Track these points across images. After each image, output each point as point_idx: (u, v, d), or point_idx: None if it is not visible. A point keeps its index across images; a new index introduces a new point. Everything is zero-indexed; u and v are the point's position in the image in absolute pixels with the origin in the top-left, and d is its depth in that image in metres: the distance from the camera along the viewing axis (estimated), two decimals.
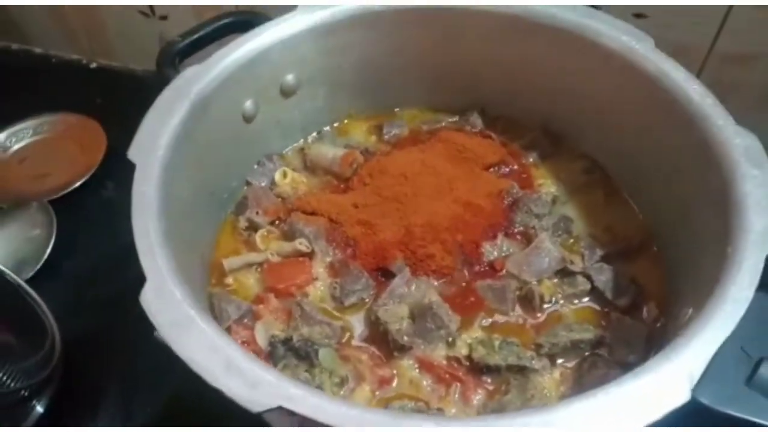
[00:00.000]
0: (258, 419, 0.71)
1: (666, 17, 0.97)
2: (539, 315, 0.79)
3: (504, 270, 0.82)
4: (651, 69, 0.78)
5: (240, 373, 0.54)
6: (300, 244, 0.83)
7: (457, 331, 0.76)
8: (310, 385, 0.70)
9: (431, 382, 0.73)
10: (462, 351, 0.75)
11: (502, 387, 0.72)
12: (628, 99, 0.83)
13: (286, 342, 0.74)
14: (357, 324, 0.78)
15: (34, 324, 0.88)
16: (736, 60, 1.02)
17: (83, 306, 1.02)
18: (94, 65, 1.44)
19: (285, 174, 0.92)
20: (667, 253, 0.82)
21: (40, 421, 0.86)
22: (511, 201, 0.88)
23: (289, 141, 0.98)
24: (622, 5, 0.95)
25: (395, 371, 0.74)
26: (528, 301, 0.79)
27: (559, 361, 0.75)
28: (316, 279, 0.82)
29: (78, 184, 1.16)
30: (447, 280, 0.81)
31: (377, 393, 0.73)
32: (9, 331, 0.85)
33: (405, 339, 0.74)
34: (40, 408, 0.86)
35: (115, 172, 1.18)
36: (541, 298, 0.79)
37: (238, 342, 0.74)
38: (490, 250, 0.84)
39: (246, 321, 0.78)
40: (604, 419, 0.51)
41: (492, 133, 0.97)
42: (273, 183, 0.92)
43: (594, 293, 0.80)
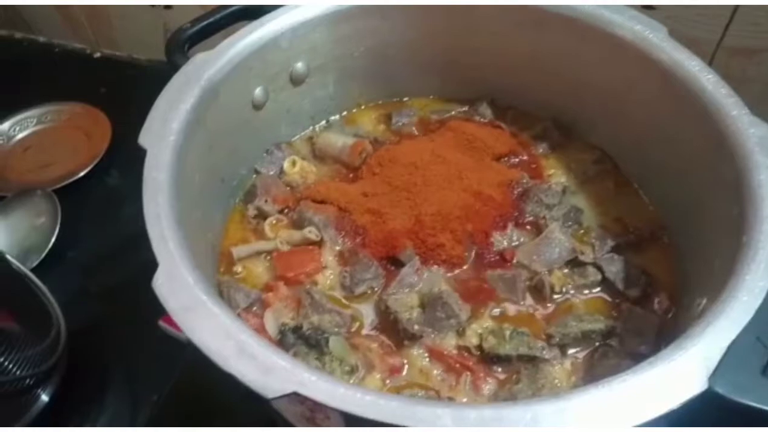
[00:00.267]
0: (265, 409, 0.71)
1: (675, 9, 0.97)
2: (549, 305, 0.78)
3: (514, 260, 0.82)
4: (664, 59, 0.77)
5: (253, 358, 0.54)
6: (309, 232, 0.83)
7: (467, 321, 0.75)
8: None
9: (441, 371, 0.73)
10: (472, 340, 0.74)
11: (512, 377, 0.72)
12: (640, 89, 0.82)
13: (296, 330, 0.74)
14: (367, 313, 0.78)
15: (39, 313, 0.89)
16: (744, 53, 1.01)
17: (88, 295, 1.02)
18: (98, 55, 1.45)
19: (294, 162, 0.92)
20: (678, 244, 0.82)
21: (44, 410, 0.86)
22: (521, 191, 0.88)
23: (298, 129, 0.98)
24: None
25: (405, 360, 0.73)
26: (538, 291, 0.79)
27: (570, 352, 0.74)
28: (325, 267, 0.82)
29: (82, 173, 1.16)
30: (457, 269, 0.81)
31: (387, 381, 0.72)
32: (14, 320, 0.84)
33: (415, 328, 0.73)
34: (45, 396, 0.86)
35: (120, 161, 1.18)
36: (552, 288, 0.78)
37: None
38: (500, 239, 0.83)
39: (255, 309, 0.78)
40: (620, 407, 0.51)
41: (502, 124, 0.97)
42: (282, 171, 0.92)
43: (605, 284, 0.80)
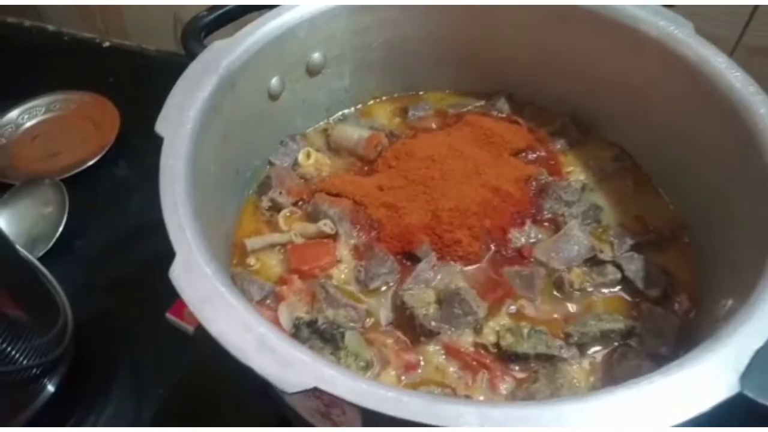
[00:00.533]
0: (273, 402, 0.70)
1: (694, 7, 0.96)
2: (568, 303, 0.77)
3: (532, 257, 0.81)
4: (690, 55, 0.76)
5: (272, 352, 0.52)
6: (324, 225, 0.81)
7: (485, 318, 0.74)
8: None
9: (458, 368, 0.72)
10: (490, 338, 0.73)
11: (530, 376, 0.71)
12: (663, 86, 0.81)
13: (311, 324, 0.73)
14: (382, 308, 0.77)
15: (46, 302, 0.88)
16: (765, 52, 1.00)
17: (95, 285, 1.02)
18: (107, 44, 1.44)
19: (309, 154, 0.91)
20: (700, 244, 0.80)
21: (50, 400, 0.85)
22: (539, 187, 0.87)
23: (313, 121, 0.96)
24: None
25: (421, 357, 0.72)
26: (557, 289, 0.78)
27: (589, 351, 0.73)
28: (340, 261, 0.81)
29: (91, 162, 1.15)
30: (474, 266, 0.80)
31: (403, 378, 0.71)
32: (21, 309, 0.83)
33: (432, 324, 0.72)
34: (51, 387, 0.86)
35: (128, 151, 1.17)
36: (571, 286, 0.77)
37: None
38: (518, 236, 0.82)
39: (269, 302, 0.77)
40: (648, 410, 0.50)
41: (519, 119, 0.96)
42: (296, 163, 0.91)
43: (624, 283, 0.78)
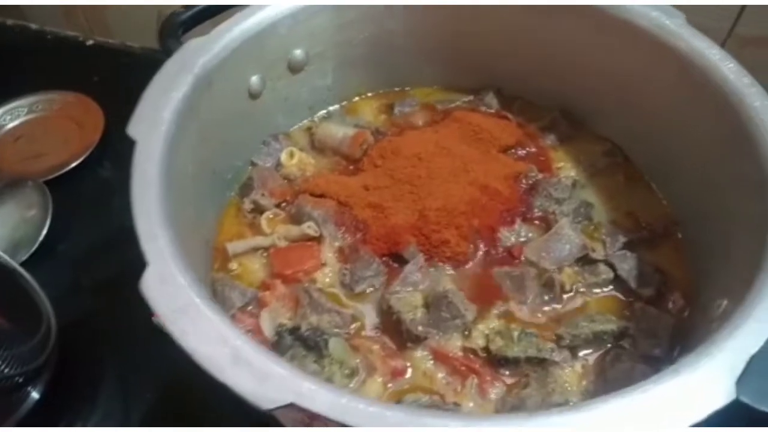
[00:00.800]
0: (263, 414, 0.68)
1: None
2: (559, 305, 0.76)
3: (522, 257, 0.79)
4: (682, 47, 0.74)
5: (249, 366, 0.51)
6: (308, 227, 0.80)
7: (474, 321, 0.73)
8: (320, 378, 0.67)
9: (446, 374, 0.70)
10: (479, 342, 0.72)
11: (520, 380, 0.69)
12: (656, 79, 0.79)
13: (293, 331, 0.71)
14: (368, 312, 0.75)
15: (28, 308, 0.86)
16: (757, 42, 0.99)
17: (79, 289, 1.00)
18: (90, 42, 1.41)
19: (292, 154, 0.89)
20: (693, 240, 0.79)
21: (36, 408, 0.83)
22: (529, 185, 0.85)
23: (296, 119, 0.95)
24: None
25: (408, 363, 0.71)
26: (548, 290, 0.76)
27: (581, 354, 0.72)
28: (324, 264, 0.79)
29: (75, 164, 1.13)
30: (462, 267, 0.78)
31: (390, 385, 0.70)
32: (3, 316, 0.82)
33: (419, 329, 0.71)
34: (35, 394, 0.84)
35: (113, 151, 1.15)
36: (562, 286, 0.76)
37: (242, 331, 0.71)
38: (507, 235, 0.81)
39: (251, 308, 0.75)
40: (643, 421, 0.48)
41: (508, 114, 0.94)
42: (279, 164, 0.89)
43: (617, 282, 0.77)
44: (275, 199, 0.85)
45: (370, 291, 0.77)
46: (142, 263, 0.57)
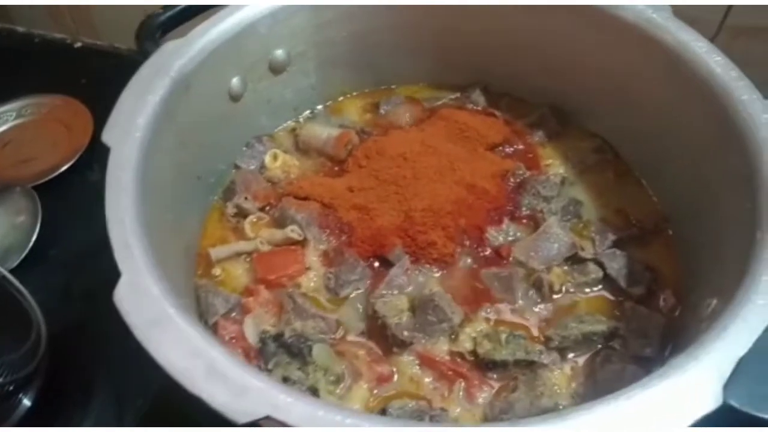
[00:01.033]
0: None
1: None
2: (548, 306, 0.75)
3: (511, 257, 0.78)
4: (669, 40, 0.74)
5: (223, 379, 0.50)
6: (292, 231, 0.79)
7: (461, 325, 0.72)
8: (303, 385, 0.66)
9: (433, 379, 0.70)
10: (466, 345, 0.71)
11: (509, 384, 0.69)
12: (644, 73, 0.79)
13: (277, 338, 0.70)
14: (353, 317, 0.74)
15: (18, 315, 0.86)
16: (749, 33, 0.97)
17: (70, 295, 1.00)
18: (78, 44, 1.41)
19: (276, 156, 0.88)
20: (684, 237, 0.79)
21: (27, 415, 0.83)
22: (517, 183, 0.84)
23: (280, 121, 0.94)
24: None
25: (394, 368, 0.70)
26: (537, 291, 0.75)
27: (570, 356, 0.71)
28: (309, 269, 0.78)
29: (64, 168, 1.13)
30: (449, 268, 0.77)
31: (376, 391, 0.69)
32: None
33: (405, 334, 0.70)
34: (27, 401, 0.84)
35: (103, 155, 1.13)
36: (551, 287, 0.75)
37: (226, 338, 0.72)
38: (495, 235, 0.80)
39: (234, 315, 0.74)
40: (628, 426, 0.47)
41: (496, 111, 0.93)
42: (263, 166, 0.88)
43: (606, 281, 0.76)
44: (259, 203, 0.84)
45: (355, 295, 0.76)
46: (117, 273, 0.56)
